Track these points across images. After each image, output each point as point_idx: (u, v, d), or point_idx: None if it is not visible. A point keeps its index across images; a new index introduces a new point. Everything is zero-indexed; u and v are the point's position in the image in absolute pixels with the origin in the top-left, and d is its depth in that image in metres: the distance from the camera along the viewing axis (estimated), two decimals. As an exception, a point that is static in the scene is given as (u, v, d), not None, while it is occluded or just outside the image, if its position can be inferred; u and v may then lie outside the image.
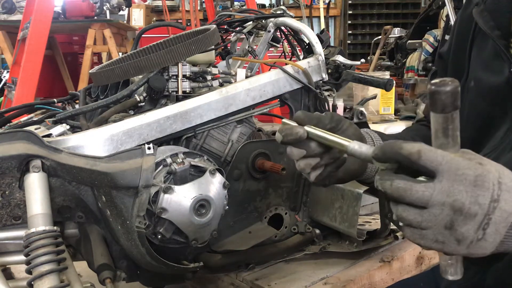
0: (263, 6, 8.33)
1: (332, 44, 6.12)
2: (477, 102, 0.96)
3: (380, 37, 6.34)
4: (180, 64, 1.50)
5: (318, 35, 1.81)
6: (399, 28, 6.59)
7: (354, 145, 0.74)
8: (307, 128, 0.83)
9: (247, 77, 1.69)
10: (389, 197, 0.64)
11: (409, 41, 5.33)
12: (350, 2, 8.91)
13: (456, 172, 0.61)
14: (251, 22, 2.05)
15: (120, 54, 4.49)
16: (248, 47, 2.02)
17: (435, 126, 0.64)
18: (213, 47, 1.68)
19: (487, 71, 0.95)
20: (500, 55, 0.90)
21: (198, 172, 1.37)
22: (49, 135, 1.34)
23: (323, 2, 7.84)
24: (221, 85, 1.64)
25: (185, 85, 1.52)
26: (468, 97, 1.00)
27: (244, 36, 2.08)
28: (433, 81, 0.62)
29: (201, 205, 1.33)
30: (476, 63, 0.99)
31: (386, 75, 2.48)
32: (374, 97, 1.97)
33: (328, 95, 1.78)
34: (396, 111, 2.65)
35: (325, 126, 0.88)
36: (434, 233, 0.62)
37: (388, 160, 0.65)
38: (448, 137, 0.63)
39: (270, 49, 2.09)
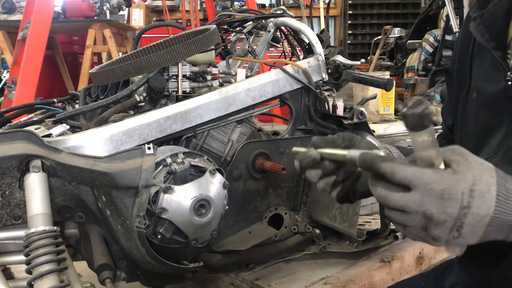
0: (263, 6, 8.32)
1: (332, 44, 6.12)
2: (479, 113, 1.00)
3: (380, 37, 6.35)
4: (180, 64, 1.50)
5: (318, 35, 1.81)
6: (399, 28, 6.59)
7: (351, 152, 0.81)
8: (323, 150, 0.88)
9: (247, 77, 1.69)
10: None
11: (409, 41, 5.32)
12: (350, 2, 8.91)
13: (425, 187, 0.68)
14: (251, 22, 2.05)
15: (120, 54, 4.49)
16: (248, 47, 2.02)
17: (412, 143, 0.72)
18: (213, 47, 1.68)
19: (487, 81, 0.98)
20: (497, 65, 0.94)
21: (198, 172, 1.37)
22: (49, 135, 1.34)
23: (323, 2, 7.84)
24: (221, 85, 1.64)
25: (185, 85, 1.52)
26: (472, 108, 1.03)
27: (244, 36, 2.08)
28: (405, 103, 0.69)
29: (201, 205, 1.33)
30: (477, 75, 1.02)
31: (386, 75, 2.47)
32: (374, 97, 1.96)
33: (328, 95, 1.78)
34: (396, 111, 2.65)
35: (339, 146, 0.92)
36: (415, 231, 0.71)
37: (368, 170, 0.74)
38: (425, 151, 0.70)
39: (270, 49, 2.09)
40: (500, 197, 0.70)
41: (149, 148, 1.29)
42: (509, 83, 0.90)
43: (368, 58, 6.31)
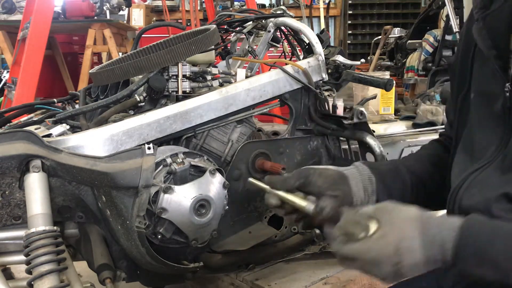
0: (263, 6, 8.31)
1: (332, 44, 6.11)
2: (476, 117, 1.00)
3: (380, 37, 6.34)
4: (180, 64, 1.50)
5: (318, 35, 1.81)
6: (399, 28, 6.58)
7: (307, 206, 0.97)
8: (278, 193, 1.02)
9: (247, 77, 1.69)
10: None
11: (409, 41, 5.32)
12: (350, 2, 8.90)
13: (359, 257, 0.81)
14: (251, 22, 2.05)
15: (120, 54, 4.49)
16: (248, 47, 2.02)
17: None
18: (213, 47, 1.68)
19: (485, 87, 0.97)
20: (497, 74, 0.91)
21: (198, 172, 1.37)
22: (49, 135, 1.34)
23: (323, 2, 7.83)
24: (221, 85, 1.64)
25: (185, 85, 1.52)
26: (470, 110, 1.01)
27: (244, 36, 2.08)
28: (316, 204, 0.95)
29: (201, 205, 1.33)
30: (476, 78, 1.00)
31: (386, 75, 2.47)
32: (374, 97, 1.96)
33: (328, 95, 1.78)
34: (396, 111, 2.64)
35: (293, 185, 1.02)
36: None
37: None
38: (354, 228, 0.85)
39: (270, 49, 2.09)
40: (427, 244, 0.79)
41: (149, 148, 1.29)
42: (507, 94, 0.88)
43: (368, 58, 6.30)
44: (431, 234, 0.80)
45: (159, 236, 1.32)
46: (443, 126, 2.19)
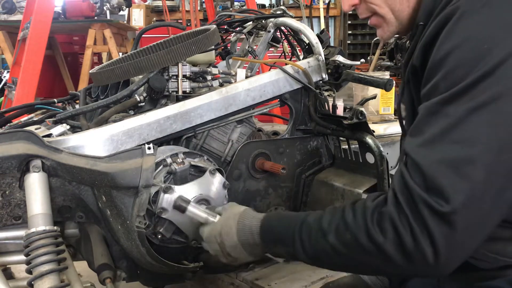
0: (263, 6, 8.31)
1: (332, 44, 6.11)
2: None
3: (380, 37, 6.33)
4: (180, 64, 1.51)
5: (318, 35, 1.81)
6: (399, 28, 6.57)
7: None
8: None
9: (247, 77, 1.69)
10: None
11: (409, 41, 5.31)
12: (350, 2, 8.90)
13: (202, 235, 1.24)
14: (251, 22, 2.05)
15: (120, 54, 4.49)
16: (248, 47, 2.02)
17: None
18: (213, 47, 1.68)
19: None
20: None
21: (198, 172, 1.37)
22: (49, 135, 1.34)
23: (323, 2, 7.83)
24: (221, 85, 1.64)
25: (185, 85, 1.52)
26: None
27: (244, 36, 2.08)
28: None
29: (201, 205, 1.33)
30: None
31: (386, 75, 2.47)
32: (374, 97, 1.96)
33: (328, 95, 1.78)
34: (396, 111, 2.65)
35: None
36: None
37: None
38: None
39: (270, 49, 2.09)
40: (239, 231, 1.13)
41: (149, 148, 1.29)
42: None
43: (368, 58, 6.29)
44: (243, 224, 1.14)
45: (159, 236, 1.32)
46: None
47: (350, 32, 8.93)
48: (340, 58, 1.80)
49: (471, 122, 0.84)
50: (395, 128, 2.36)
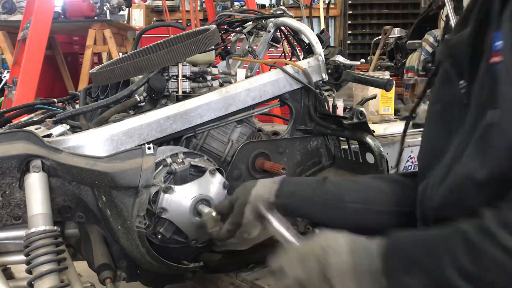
0: (263, 6, 8.31)
1: (332, 44, 6.11)
2: (432, 125, 1.03)
3: (380, 37, 6.33)
4: (180, 64, 1.51)
5: (318, 35, 1.81)
6: (399, 28, 6.57)
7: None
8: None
9: (247, 77, 1.69)
10: None
11: (409, 41, 5.31)
12: (350, 2, 8.89)
13: (285, 255, 0.89)
14: (251, 22, 2.05)
15: (120, 54, 4.49)
16: (248, 47, 2.02)
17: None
18: (213, 47, 1.68)
19: (440, 94, 1.00)
20: (451, 77, 0.93)
21: (198, 172, 1.37)
22: (49, 135, 1.34)
23: (323, 2, 7.84)
24: (221, 85, 1.64)
25: (185, 85, 1.52)
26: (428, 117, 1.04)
27: (244, 36, 2.08)
28: None
29: (201, 205, 1.33)
30: (434, 88, 1.04)
31: (386, 75, 2.47)
32: (374, 97, 1.97)
33: (328, 95, 1.78)
34: (396, 111, 2.64)
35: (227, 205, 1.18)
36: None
37: None
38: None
39: (270, 49, 2.09)
40: (353, 249, 0.80)
41: (149, 148, 1.29)
42: (462, 91, 0.89)
43: (368, 58, 6.29)
44: (357, 241, 0.83)
45: (159, 236, 1.32)
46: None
47: (350, 32, 8.93)
48: (340, 58, 1.80)
49: None
50: (395, 128, 2.36)
